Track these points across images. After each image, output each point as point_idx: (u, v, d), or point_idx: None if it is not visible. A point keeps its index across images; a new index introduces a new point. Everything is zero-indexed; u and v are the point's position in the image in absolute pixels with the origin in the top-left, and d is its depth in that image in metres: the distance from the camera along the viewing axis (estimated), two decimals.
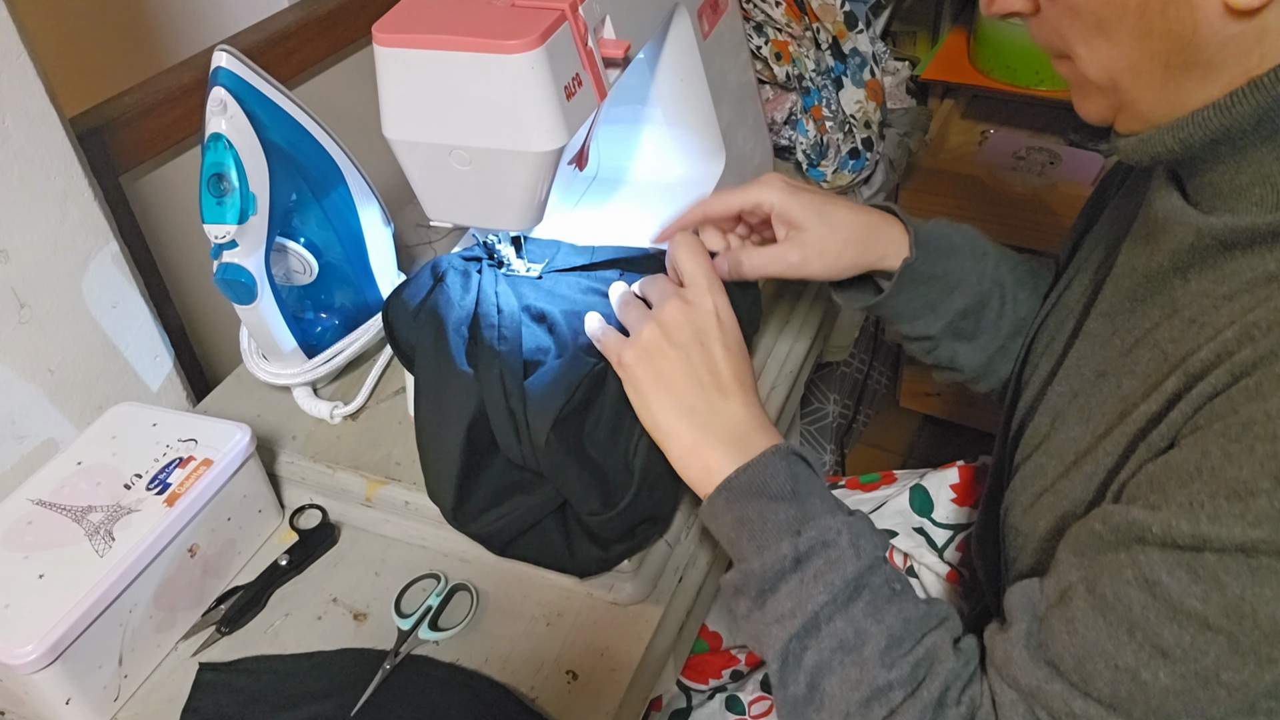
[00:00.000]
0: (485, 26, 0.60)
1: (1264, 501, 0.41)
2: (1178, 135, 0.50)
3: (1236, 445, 0.43)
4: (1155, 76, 0.49)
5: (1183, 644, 0.44)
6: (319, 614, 0.71)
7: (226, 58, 0.68)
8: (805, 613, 0.54)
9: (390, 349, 0.84)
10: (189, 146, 0.94)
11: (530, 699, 0.63)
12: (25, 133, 0.70)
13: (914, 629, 0.54)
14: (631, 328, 0.65)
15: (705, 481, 0.61)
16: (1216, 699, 0.44)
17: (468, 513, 0.67)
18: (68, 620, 0.60)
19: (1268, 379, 0.43)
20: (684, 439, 0.61)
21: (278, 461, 0.79)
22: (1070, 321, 0.66)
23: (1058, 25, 0.52)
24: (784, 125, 1.07)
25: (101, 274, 0.79)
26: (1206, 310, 0.50)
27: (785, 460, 0.59)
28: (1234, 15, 0.45)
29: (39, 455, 0.77)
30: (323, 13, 1.05)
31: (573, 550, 0.67)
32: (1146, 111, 0.51)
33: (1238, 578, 0.42)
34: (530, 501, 0.66)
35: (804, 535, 0.55)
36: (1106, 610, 0.47)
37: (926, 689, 0.51)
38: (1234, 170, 0.49)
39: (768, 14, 1.03)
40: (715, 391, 0.62)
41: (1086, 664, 0.47)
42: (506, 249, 0.78)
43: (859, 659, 0.52)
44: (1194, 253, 0.52)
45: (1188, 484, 0.44)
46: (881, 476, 0.96)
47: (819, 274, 0.71)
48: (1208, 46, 0.46)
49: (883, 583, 0.55)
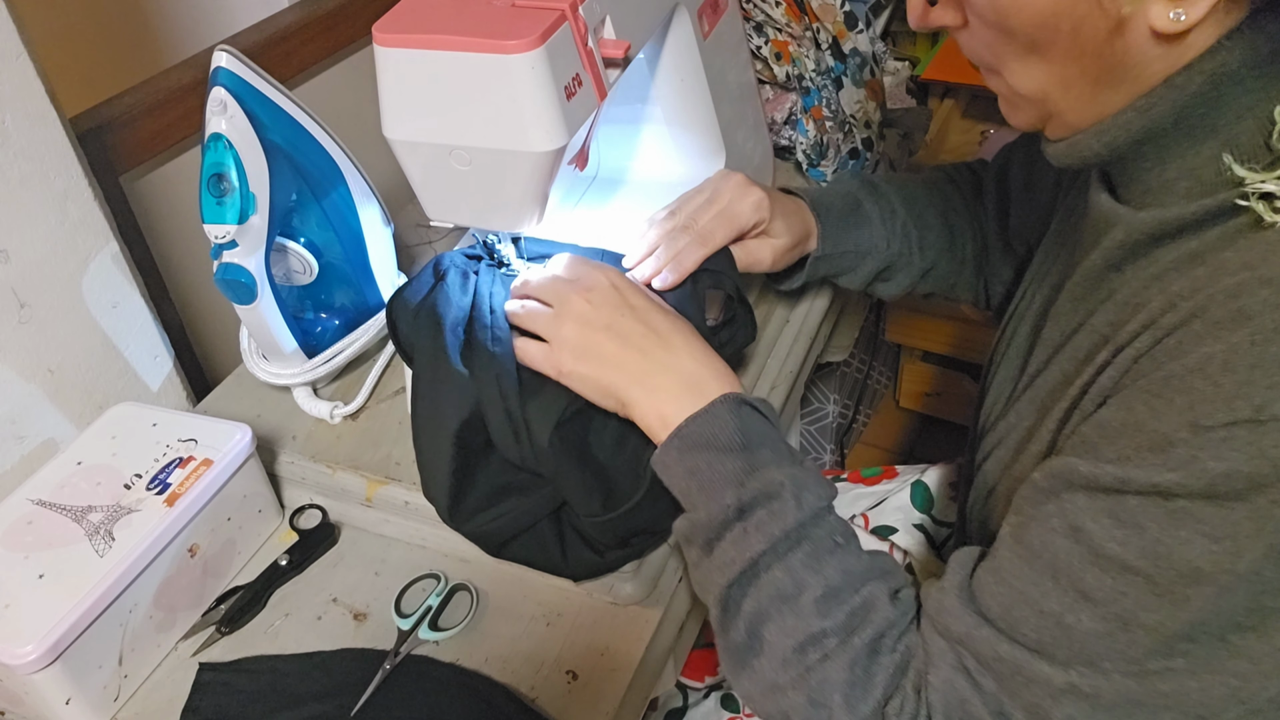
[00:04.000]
0: (485, 26, 0.60)
1: (1182, 450, 0.43)
2: (1102, 139, 0.52)
3: (1159, 400, 0.45)
4: (1085, 91, 0.51)
5: (1104, 587, 0.46)
6: (319, 614, 0.71)
7: (226, 58, 0.68)
8: (745, 561, 0.55)
9: (392, 347, 0.84)
10: (189, 146, 0.94)
11: (530, 699, 0.63)
12: (25, 133, 0.70)
13: (853, 580, 0.55)
14: (549, 334, 0.65)
15: (662, 431, 0.61)
16: (1136, 640, 0.45)
17: (463, 512, 0.67)
18: (68, 620, 0.60)
19: (1187, 337, 0.45)
20: (643, 403, 0.62)
21: (278, 461, 0.79)
22: (1025, 327, 0.68)
23: (989, 42, 0.53)
24: (784, 125, 1.07)
25: (101, 274, 0.79)
26: (1137, 291, 0.52)
27: (734, 411, 0.60)
28: (1162, 39, 0.47)
29: (39, 455, 0.77)
30: (323, 13, 1.05)
31: (567, 554, 0.67)
32: (1075, 121, 0.54)
33: (1156, 521, 0.44)
34: (526, 503, 0.66)
35: (747, 486, 0.56)
36: (1033, 559, 0.49)
37: (859, 636, 0.53)
38: (1159, 167, 0.51)
39: (768, 14, 1.03)
40: (659, 349, 0.63)
41: (1014, 610, 0.49)
42: (507, 249, 0.78)
43: (796, 607, 0.54)
44: (1125, 248, 0.54)
45: (1115, 440, 0.46)
46: (883, 470, 0.96)
47: (774, 269, 0.79)
48: (1135, 65, 0.49)
49: (825, 535, 0.56)
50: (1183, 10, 0.45)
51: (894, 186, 0.84)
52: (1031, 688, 0.48)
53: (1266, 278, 0.43)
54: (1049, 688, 0.47)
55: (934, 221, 0.84)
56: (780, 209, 0.77)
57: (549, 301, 0.67)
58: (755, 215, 0.74)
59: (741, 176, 0.76)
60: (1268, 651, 0.44)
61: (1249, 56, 0.46)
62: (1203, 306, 0.45)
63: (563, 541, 0.67)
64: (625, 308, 0.65)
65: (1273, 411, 0.41)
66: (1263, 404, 0.41)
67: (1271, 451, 0.41)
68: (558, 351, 0.64)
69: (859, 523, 0.90)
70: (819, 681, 0.52)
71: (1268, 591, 0.43)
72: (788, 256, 0.78)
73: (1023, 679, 0.48)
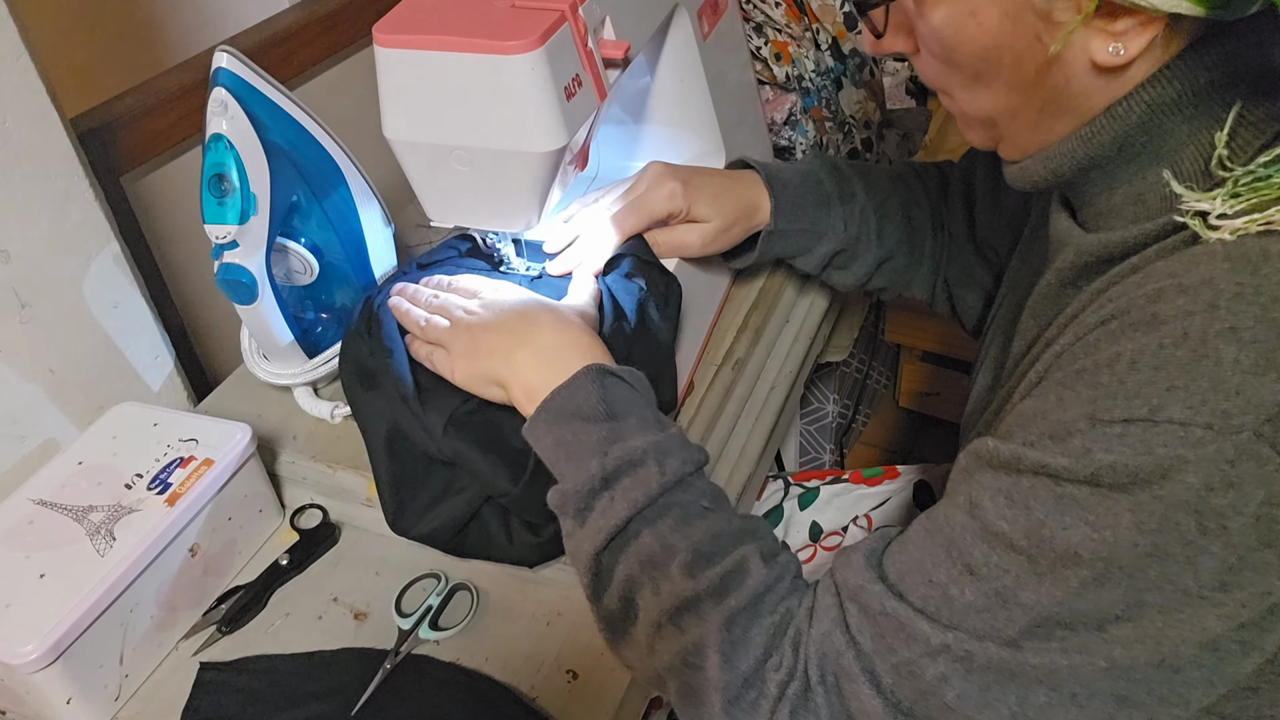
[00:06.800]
0: (485, 27, 0.60)
1: (1078, 440, 0.44)
2: (1048, 165, 0.54)
3: (1067, 391, 0.46)
4: (1030, 118, 0.53)
5: (989, 563, 0.47)
6: (319, 613, 0.71)
7: (227, 58, 0.68)
8: (611, 528, 0.56)
9: None
10: (190, 147, 0.94)
11: (530, 698, 0.63)
12: (26, 133, 0.71)
13: (723, 543, 0.55)
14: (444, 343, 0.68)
15: (529, 405, 0.62)
16: (1013, 618, 0.46)
17: (407, 519, 0.69)
18: (69, 620, 0.60)
19: (1104, 335, 0.46)
20: (511, 382, 0.64)
21: (278, 461, 0.79)
22: (1000, 338, 0.69)
23: (938, 71, 0.55)
24: (784, 125, 1.07)
25: (102, 274, 0.79)
26: (1083, 305, 0.53)
27: (595, 380, 0.61)
28: (1102, 72, 0.49)
29: (40, 455, 0.77)
30: (323, 13, 1.05)
31: (513, 540, 0.69)
32: (1024, 145, 0.56)
33: (1043, 503, 0.45)
34: (459, 499, 0.68)
35: (610, 455, 0.57)
36: (934, 531, 0.50)
37: (734, 598, 0.53)
38: (1107, 192, 0.53)
39: (767, 15, 1.03)
40: (522, 326, 0.65)
41: (907, 576, 0.50)
42: (507, 248, 0.78)
43: (666, 572, 0.54)
44: (1076, 269, 0.55)
45: (1026, 426, 0.48)
46: (884, 470, 0.96)
47: (714, 252, 0.80)
48: (1077, 95, 0.51)
49: (691, 500, 0.57)
50: (1121, 45, 0.47)
51: (857, 171, 0.84)
52: (909, 645, 0.49)
53: (1185, 286, 0.44)
54: (925, 645, 0.48)
55: (894, 211, 0.84)
56: (707, 192, 0.77)
57: (445, 311, 0.69)
58: (668, 205, 0.76)
59: (661, 166, 0.78)
60: (1142, 642, 0.44)
61: (1187, 86, 0.48)
62: (1123, 309, 0.46)
63: (508, 529, 0.69)
64: (493, 300, 0.68)
65: (1168, 414, 0.42)
66: (1159, 405, 0.42)
67: (1159, 450, 0.42)
68: (451, 357, 0.67)
69: (862, 523, 0.90)
70: (694, 644, 0.52)
71: (1148, 588, 0.43)
72: (725, 237, 0.79)
73: (902, 636, 0.49)
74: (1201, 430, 0.41)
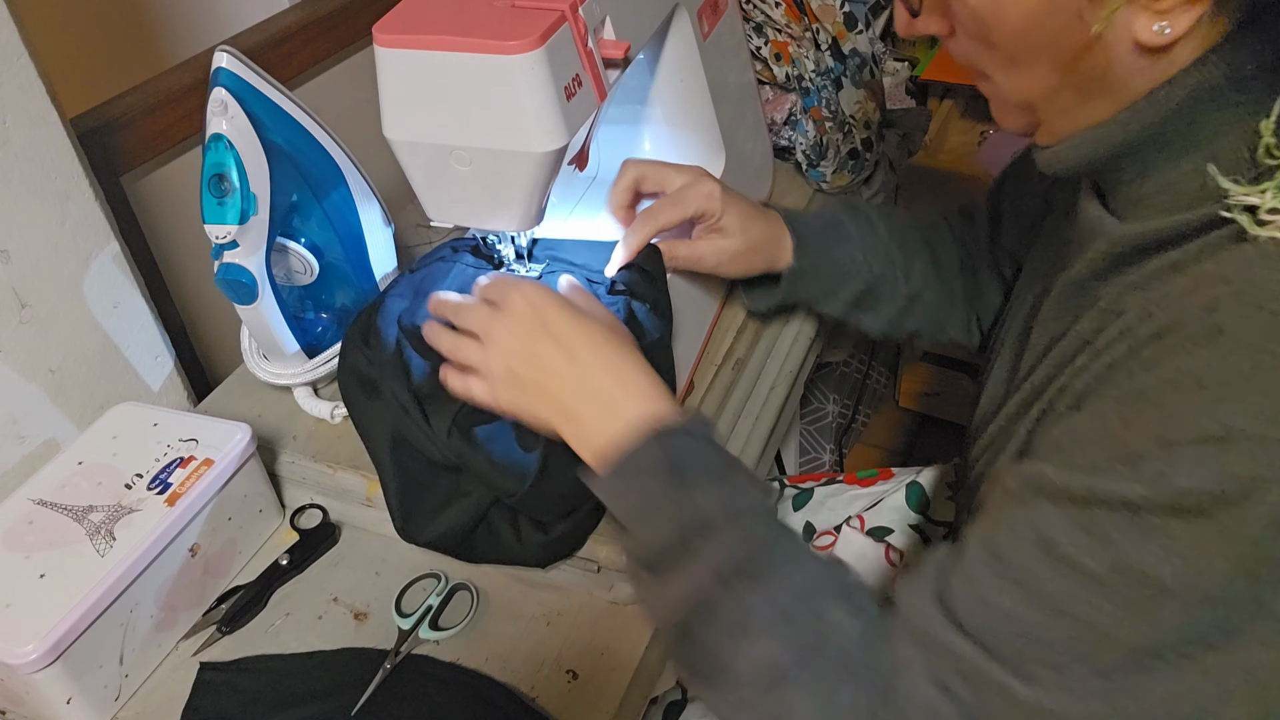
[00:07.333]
0: (485, 27, 0.60)
1: (1151, 464, 0.43)
2: (1079, 151, 0.53)
3: (1131, 411, 0.45)
4: (1070, 101, 0.52)
5: (1074, 599, 0.45)
6: (319, 613, 0.71)
7: (227, 58, 0.68)
8: (692, 598, 0.54)
9: None
10: (190, 147, 0.94)
11: (530, 698, 0.64)
12: (26, 133, 0.71)
13: (807, 599, 0.54)
14: (478, 366, 0.65)
15: (591, 456, 0.60)
16: (1104, 653, 0.45)
17: (415, 525, 0.69)
18: (69, 620, 0.60)
19: (1162, 350, 0.45)
20: (568, 434, 0.62)
21: (278, 461, 0.79)
22: (1015, 332, 0.68)
23: (974, 52, 0.54)
24: (784, 125, 1.07)
25: (102, 274, 0.79)
26: (1118, 298, 0.52)
27: (660, 440, 0.58)
28: (1145, 52, 0.47)
29: (40, 455, 0.77)
30: (323, 14, 1.05)
31: (522, 541, 0.68)
32: (1061, 129, 0.54)
33: (1124, 534, 0.43)
34: (467, 502, 0.68)
35: (683, 520, 0.55)
36: (1004, 567, 0.48)
37: (822, 656, 0.51)
38: (1140, 180, 0.52)
39: (767, 15, 1.03)
40: (572, 371, 0.61)
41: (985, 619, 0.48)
42: (506, 249, 0.78)
43: (751, 636, 0.52)
44: (1109, 259, 0.54)
45: (1086, 448, 0.46)
46: (879, 472, 0.96)
47: (727, 275, 0.81)
48: (1119, 77, 0.49)
49: (769, 557, 0.55)
50: (1167, 23, 0.45)
51: (878, 211, 0.84)
52: (1001, 701, 0.47)
53: (1241, 292, 0.42)
54: (1017, 704, 0.47)
55: (919, 246, 0.83)
56: (742, 211, 0.77)
57: (473, 330, 0.66)
58: (705, 204, 0.75)
59: (702, 169, 0.78)
60: (1235, 672, 0.43)
61: (1232, 72, 0.46)
62: (1178, 319, 0.45)
63: (517, 530, 0.69)
64: (541, 330, 0.63)
65: (1241, 429, 0.40)
66: (1231, 422, 0.41)
67: (1237, 469, 0.40)
68: (490, 385, 0.64)
69: (855, 524, 0.90)
70: (784, 708, 0.51)
71: (1237, 612, 0.42)
72: (742, 261, 0.78)
73: (993, 691, 0.47)
74: (1276, 444, 0.40)
